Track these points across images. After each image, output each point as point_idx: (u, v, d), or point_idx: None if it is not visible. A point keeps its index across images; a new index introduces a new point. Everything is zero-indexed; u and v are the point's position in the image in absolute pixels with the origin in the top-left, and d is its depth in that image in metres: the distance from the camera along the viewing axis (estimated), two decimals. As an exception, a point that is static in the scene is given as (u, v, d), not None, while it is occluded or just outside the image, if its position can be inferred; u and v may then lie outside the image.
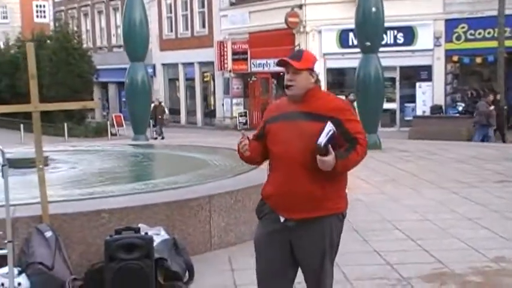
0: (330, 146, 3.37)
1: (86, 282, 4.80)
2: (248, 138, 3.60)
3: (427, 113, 23.57)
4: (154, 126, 26.52)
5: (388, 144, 15.23)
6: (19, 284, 4.60)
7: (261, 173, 5.43)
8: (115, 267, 4.55)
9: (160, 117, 26.79)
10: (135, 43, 16.32)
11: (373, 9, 14.12)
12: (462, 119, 21.46)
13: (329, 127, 3.40)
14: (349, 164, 3.50)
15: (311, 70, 3.60)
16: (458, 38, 23.62)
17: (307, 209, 3.51)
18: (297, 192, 3.50)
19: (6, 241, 4.35)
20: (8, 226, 4.36)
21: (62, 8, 45.15)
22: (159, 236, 5.18)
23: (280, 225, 3.58)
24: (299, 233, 3.56)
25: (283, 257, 3.61)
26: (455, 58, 24.03)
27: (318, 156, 3.36)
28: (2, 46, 42.36)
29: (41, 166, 5.15)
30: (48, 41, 34.48)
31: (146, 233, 4.87)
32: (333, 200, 3.56)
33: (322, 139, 3.37)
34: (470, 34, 23.38)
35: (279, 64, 3.64)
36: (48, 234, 4.94)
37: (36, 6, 57.00)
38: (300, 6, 25.20)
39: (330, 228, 3.57)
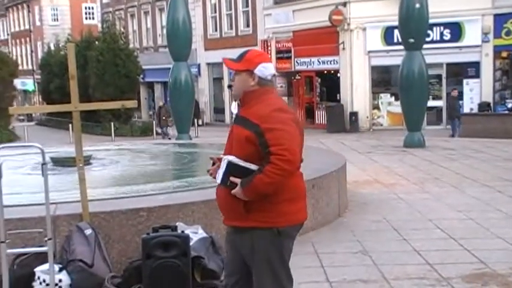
0: (230, 178, 3.32)
1: (124, 279, 4.87)
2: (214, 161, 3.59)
3: (475, 111, 23.08)
4: (161, 128, 26.77)
5: (433, 142, 15.01)
6: (60, 280, 4.70)
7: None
8: (152, 265, 4.60)
9: (164, 118, 26.37)
10: (178, 43, 16.46)
11: (417, 5, 13.92)
12: (510, 116, 20.92)
13: (224, 161, 3.39)
14: (257, 188, 3.25)
15: (251, 72, 3.40)
16: (507, 34, 23.03)
17: (233, 218, 3.47)
18: (221, 201, 3.50)
19: (46, 238, 4.45)
20: (48, 224, 4.45)
21: (110, 9, 45.90)
22: (196, 234, 5.21)
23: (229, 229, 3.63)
24: (237, 239, 3.52)
25: (235, 258, 3.57)
26: (504, 54, 23.46)
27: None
28: (53, 48, 43.27)
29: (81, 165, 5.25)
30: (96, 42, 35.02)
31: (183, 231, 4.92)
32: (262, 212, 3.35)
33: (218, 177, 3.41)
34: (521, 29, 22.82)
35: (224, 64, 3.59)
36: (88, 232, 5.03)
37: (85, 8, 58.11)
38: (344, 4, 24.97)
39: (252, 242, 3.40)
